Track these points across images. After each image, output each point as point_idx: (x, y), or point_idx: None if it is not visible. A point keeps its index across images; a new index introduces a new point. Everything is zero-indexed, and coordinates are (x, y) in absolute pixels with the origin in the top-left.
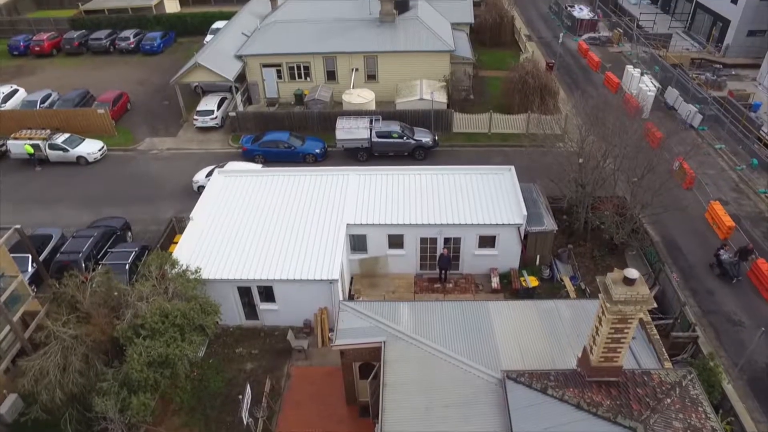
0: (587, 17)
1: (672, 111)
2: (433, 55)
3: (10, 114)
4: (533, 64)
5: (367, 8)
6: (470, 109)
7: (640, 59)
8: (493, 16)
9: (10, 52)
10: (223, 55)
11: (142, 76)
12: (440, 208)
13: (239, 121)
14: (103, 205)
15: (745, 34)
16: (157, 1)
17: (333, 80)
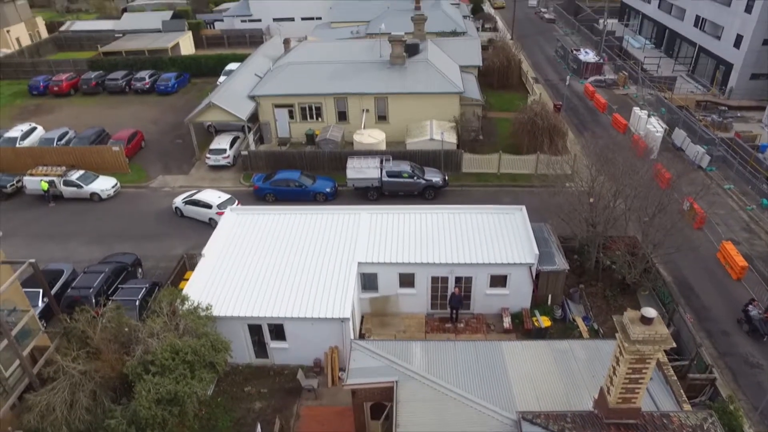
0: (593, 60)
1: (680, 152)
2: (442, 96)
3: (27, 151)
4: (541, 106)
5: (378, 51)
6: (479, 149)
7: (646, 101)
8: (500, 59)
9: (30, 91)
10: (236, 95)
11: (157, 115)
12: (451, 247)
13: (251, 159)
14: (115, 241)
15: (748, 77)
16: (173, 43)
17: (344, 121)
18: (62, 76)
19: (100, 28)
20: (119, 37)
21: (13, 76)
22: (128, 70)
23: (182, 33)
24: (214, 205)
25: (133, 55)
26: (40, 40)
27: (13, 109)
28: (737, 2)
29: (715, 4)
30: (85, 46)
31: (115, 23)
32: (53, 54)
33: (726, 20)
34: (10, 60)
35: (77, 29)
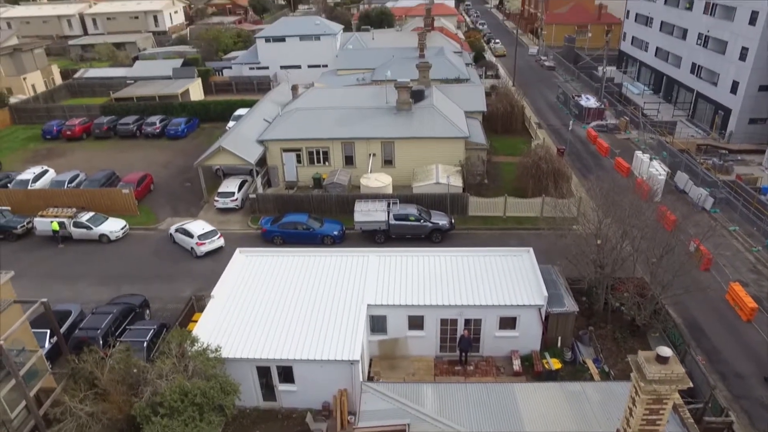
0: (594, 106)
1: (683, 194)
2: (448, 141)
3: (38, 193)
4: (545, 150)
5: (384, 97)
6: (485, 193)
7: (647, 145)
8: (504, 105)
9: (44, 136)
10: (245, 139)
11: (167, 158)
12: (460, 290)
13: (259, 203)
14: (123, 282)
15: (747, 122)
16: (183, 89)
17: (351, 165)
18: (75, 120)
19: (112, 75)
20: (131, 83)
21: (28, 120)
22: (139, 115)
23: (192, 80)
24: (195, 235)
25: (144, 100)
26: (55, 86)
27: (27, 152)
28: (731, 50)
29: (710, 52)
30: (97, 92)
31: (127, 70)
32: (67, 100)
33: (721, 67)
34: (26, 105)
35: (90, 76)
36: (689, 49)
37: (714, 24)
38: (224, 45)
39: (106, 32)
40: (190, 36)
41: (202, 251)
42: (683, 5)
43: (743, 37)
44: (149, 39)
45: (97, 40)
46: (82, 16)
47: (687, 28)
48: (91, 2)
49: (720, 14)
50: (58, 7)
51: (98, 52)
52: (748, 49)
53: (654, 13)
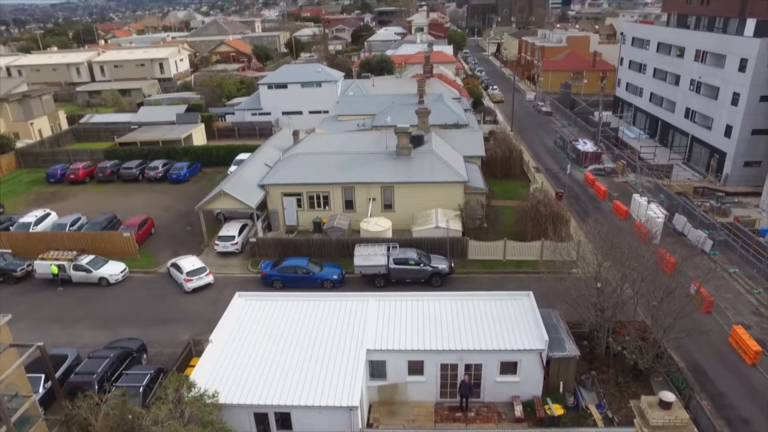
0: (591, 150)
1: (682, 237)
2: (447, 186)
3: (40, 236)
4: (543, 194)
5: (384, 142)
6: (484, 237)
7: (645, 188)
8: (502, 150)
9: (48, 179)
10: (246, 184)
11: (168, 202)
12: (460, 334)
13: (259, 246)
14: (121, 325)
15: (742, 164)
16: (186, 134)
17: (351, 209)
18: (79, 164)
19: (117, 120)
20: (135, 128)
21: (33, 164)
22: (142, 159)
23: (195, 125)
24: (184, 271)
25: (148, 145)
26: (61, 131)
27: (31, 195)
28: (723, 95)
29: (703, 97)
30: (102, 137)
31: (132, 116)
32: (72, 144)
33: (714, 112)
34: (31, 150)
35: (96, 121)
36: (682, 94)
37: (705, 71)
38: (228, 91)
39: (112, 79)
40: (194, 83)
41: (189, 287)
42: (674, 53)
43: (734, 83)
44: (155, 86)
45: (104, 87)
46: (90, 64)
47: (679, 74)
48: (100, 50)
49: (710, 62)
50: (68, 55)
51: (104, 99)
52: (739, 95)
53: (647, 61)
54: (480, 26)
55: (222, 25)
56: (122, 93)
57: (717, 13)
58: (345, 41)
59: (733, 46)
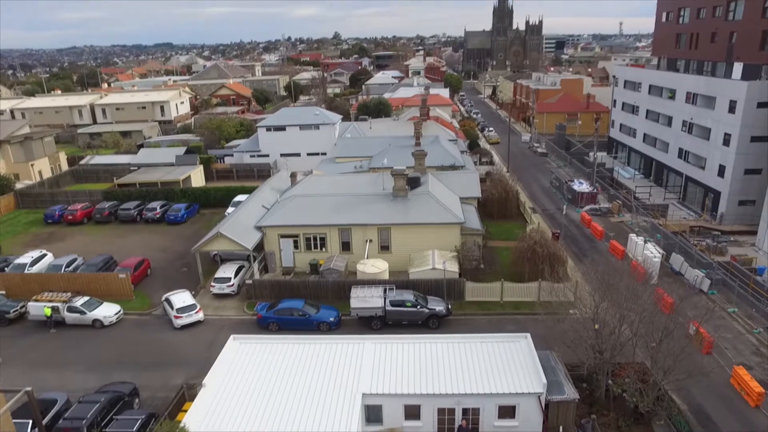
0: (587, 190)
1: (679, 276)
2: (444, 227)
3: (34, 277)
4: (540, 234)
5: (381, 184)
6: (481, 278)
7: (641, 228)
8: (499, 191)
9: (45, 220)
10: (243, 225)
11: (165, 243)
12: (458, 378)
13: (255, 288)
14: (114, 369)
15: (737, 203)
16: (185, 176)
17: (348, 251)
18: (77, 205)
19: (117, 162)
20: (134, 170)
21: (31, 205)
22: (141, 200)
23: (194, 167)
24: (174, 308)
25: (147, 186)
26: (61, 172)
27: (28, 236)
28: (715, 136)
29: (696, 138)
30: (101, 178)
31: (132, 157)
32: (72, 185)
33: (707, 152)
34: (30, 190)
35: (96, 163)
36: (675, 135)
37: (696, 112)
38: (227, 133)
39: (114, 121)
40: (194, 125)
41: (178, 324)
42: (666, 95)
43: (725, 124)
44: (155, 128)
45: (105, 129)
46: (93, 107)
47: (671, 115)
48: (102, 94)
49: (701, 103)
50: (70, 98)
51: (105, 140)
52: (730, 135)
53: (639, 102)
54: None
55: (223, 69)
56: (123, 135)
57: (705, 58)
58: (343, 84)
59: (722, 88)
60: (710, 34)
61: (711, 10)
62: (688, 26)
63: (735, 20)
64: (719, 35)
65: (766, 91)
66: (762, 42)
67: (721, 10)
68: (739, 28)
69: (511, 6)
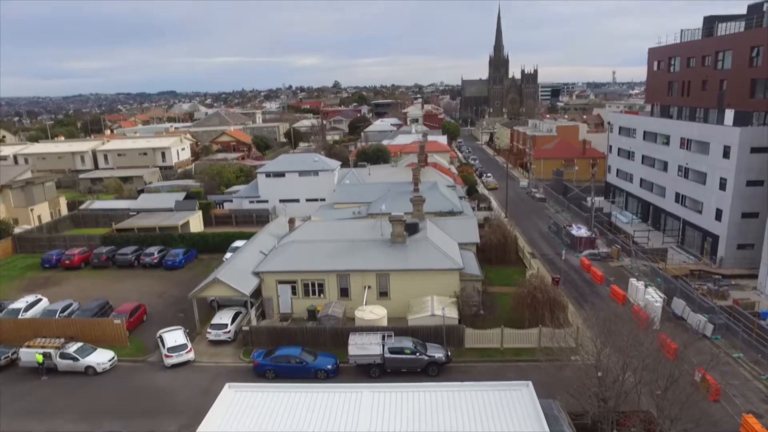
0: (585, 235)
1: (681, 321)
2: (442, 273)
3: (28, 322)
4: (540, 280)
5: (379, 230)
6: (481, 324)
7: (641, 272)
8: (497, 236)
9: (42, 264)
10: (240, 271)
11: (162, 289)
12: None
13: (252, 335)
14: (105, 418)
15: (735, 247)
16: (184, 221)
17: (346, 297)
18: (75, 250)
19: (116, 207)
20: (133, 215)
21: (29, 249)
22: (139, 245)
23: (193, 212)
24: (165, 346)
25: (145, 231)
26: (60, 217)
27: (23, 281)
28: (711, 180)
29: (692, 183)
30: (101, 222)
31: (131, 202)
32: (70, 230)
33: (704, 196)
34: (29, 235)
35: (95, 208)
36: (671, 180)
37: (691, 158)
38: (227, 179)
39: (115, 167)
40: (195, 170)
41: (169, 363)
42: (661, 141)
43: (720, 169)
44: (155, 173)
45: (106, 174)
46: (95, 152)
47: (667, 161)
48: (105, 140)
49: (695, 149)
50: (73, 144)
51: (106, 185)
52: (726, 180)
53: (635, 148)
54: (473, 117)
55: (224, 116)
56: (124, 180)
57: (697, 105)
58: (342, 132)
59: (715, 134)
60: (701, 82)
61: (700, 59)
62: (678, 75)
63: (724, 69)
64: (710, 83)
65: (759, 136)
66: (751, 90)
67: (710, 59)
68: (729, 76)
69: (506, 56)
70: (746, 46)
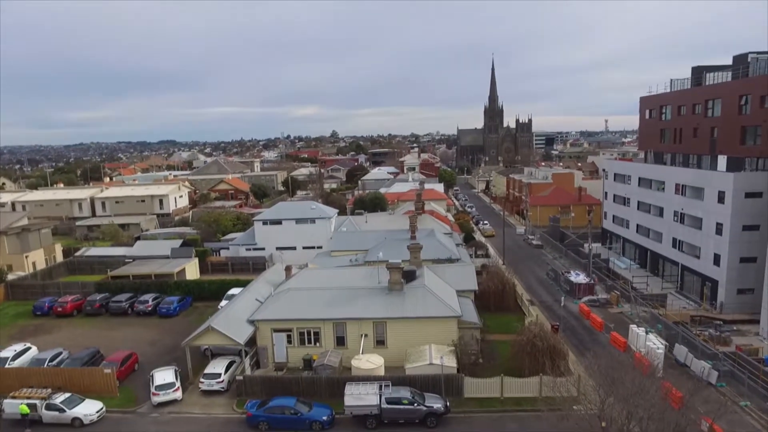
0: (584, 282)
1: (685, 368)
2: (440, 320)
3: (14, 372)
4: (539, 327)
5: (377, 278)
6: (481, 373)
7: (641, 318)
8: (495, 283)
9: (34, 312)
10: (235, 319)
11: (155, 337)
12: None
13: (246, 385)
14: None
15: (735, 292)
16: (179, 269)
17: (342, 345)
18: (68, 297)
19: (112, 254)
20: (129, 262)
21: (22, 296)
22: (133, 292)
23: (189, 259)
24: (154, 384)
25: (140, 278)
26: (55, 263)
27: (14, 329)
28: (707, 225)
29: (688, 228)
30: (95, 270)
31: (127, 249)
32: (65, 277)
33: (701, 241)
34: (22, 282)
35: (91, 254)
36: (668, 225)
37: (687, 203)
38: (224, 227)
39: (113, 214)
40: (192, 218)
41: (155, 401)
42: (656, 187)
43: (716, 214)
44: (152, 221)
45: (103, 221)
46: (93, 200)
47: (662, 206)
48: (103, 187)
49: (690, 194)
50: (72, 191)
51: (103, 232)
52: (722, 225)
53: (630, 194)
54: (469, 165)
55: (222, 164)
56: (121, 227)
57: (690, 151)
58: (340, 180)
59: (709, 180)
60: (692, 130)
61: (691, 107)
62: (670, 122)
63: (714, 116)
64: (701, 130)
65: (753, 181)
66: (742, 137)
67: (701, 107)
68: (719, 123)
69: (501, 106)
70: (735, 94)
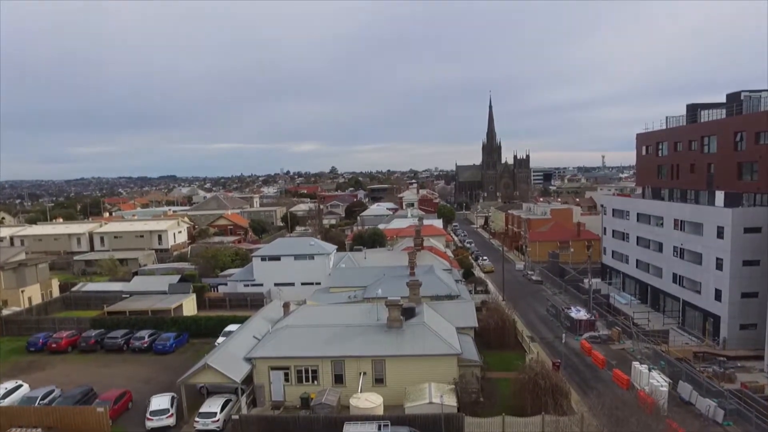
0: (584, 318)
1: (690, 406)
2: (440, 358)
3: (4, 410)
4: (540, 365)
5: (375, 315)
6: (481, 412)
7: (643, 355)
8: (495, 320)
9: (28, 348)
10: (232, 357)
11: (151, 374)
12: None
13: (242, 424)
14: None
15: (738, 327)
16: (177, 304)
17: (341, 384)
18: (63, 333)
19: (109, 289)
20: (126, 297)
21: (16, 332)
22: (129, 328)
23: (186, 295)
24: (149, 409)
25: (137, 314)
26: (51, 299)
27: (6, 365)
28: (707, 260)
29: (688, 263)
30: (92, 305)
31: (125, 285)
32: (60, 312)
33: (701, 277)
34: (16, 317)
35: (88, 290)
36: (668, 260)
37: (686, 238)
38: (222, 262)
39: (111, 249)
40: (190, 253)
41: (149, 426)
42: (655, 222)
43: (715, 249)
44: (151, 256)
45: (102, 256)
46: (91, 235)
47: (662, 241)
48: (102, 222)
49: (689, 229)
50: (70, 226)
51: (101, 266)
52: (722, 260)
53: (629, 230)
54: (467, 201)
55: (222, 200)
56: (119, 262)
57: (687, 187)
58: (339, 216)
59: (707, 215)
60: (689, 166)
61: (687, 144)
62: (667, 158)
63: (710, 153)
64: (698, 166)
65: (751, 217)
66: (738, 172)
67: (697, 144)
68: (716, 159)
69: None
70: (730, 131)
